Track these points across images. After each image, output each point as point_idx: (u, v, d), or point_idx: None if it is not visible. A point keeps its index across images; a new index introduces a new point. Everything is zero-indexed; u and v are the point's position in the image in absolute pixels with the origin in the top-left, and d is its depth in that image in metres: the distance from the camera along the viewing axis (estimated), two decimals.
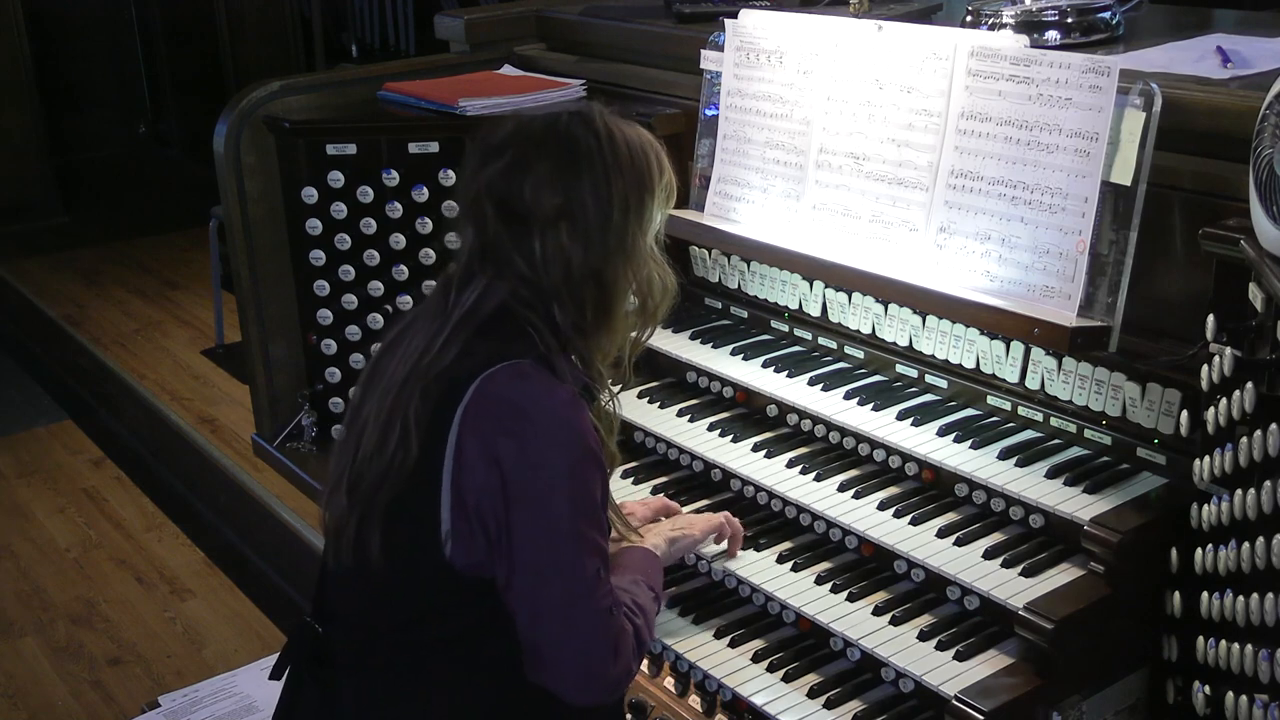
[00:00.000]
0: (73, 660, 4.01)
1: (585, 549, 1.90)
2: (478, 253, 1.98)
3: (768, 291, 2.89)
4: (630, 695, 2.38)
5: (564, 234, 1.92)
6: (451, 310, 1.95)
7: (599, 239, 1.94)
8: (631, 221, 1.97)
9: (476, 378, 1.87)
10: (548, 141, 1.96)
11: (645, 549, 2.24)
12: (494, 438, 1.85)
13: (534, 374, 1.89)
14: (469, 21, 3.76)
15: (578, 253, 1.93)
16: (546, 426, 1.87)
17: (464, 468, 1.86)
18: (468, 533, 1.88)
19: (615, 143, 1.97)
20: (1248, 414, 1.84)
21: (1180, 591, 2.07)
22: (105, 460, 5.38)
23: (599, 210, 1.94)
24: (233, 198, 3.42)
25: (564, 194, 1.92)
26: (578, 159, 1.94)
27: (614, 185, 1.95)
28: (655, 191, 2.01)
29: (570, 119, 1.99)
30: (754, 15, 2.84)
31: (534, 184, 1.93)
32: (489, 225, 1.96)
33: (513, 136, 1.99)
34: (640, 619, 2.03)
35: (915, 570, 2.26)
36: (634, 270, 2.01)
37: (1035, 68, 2.30)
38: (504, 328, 1.92)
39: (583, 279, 1.94)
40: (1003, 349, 2.42)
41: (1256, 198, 1.81)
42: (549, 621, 1.89)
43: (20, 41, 8.13)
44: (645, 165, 2.00)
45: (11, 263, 7.60)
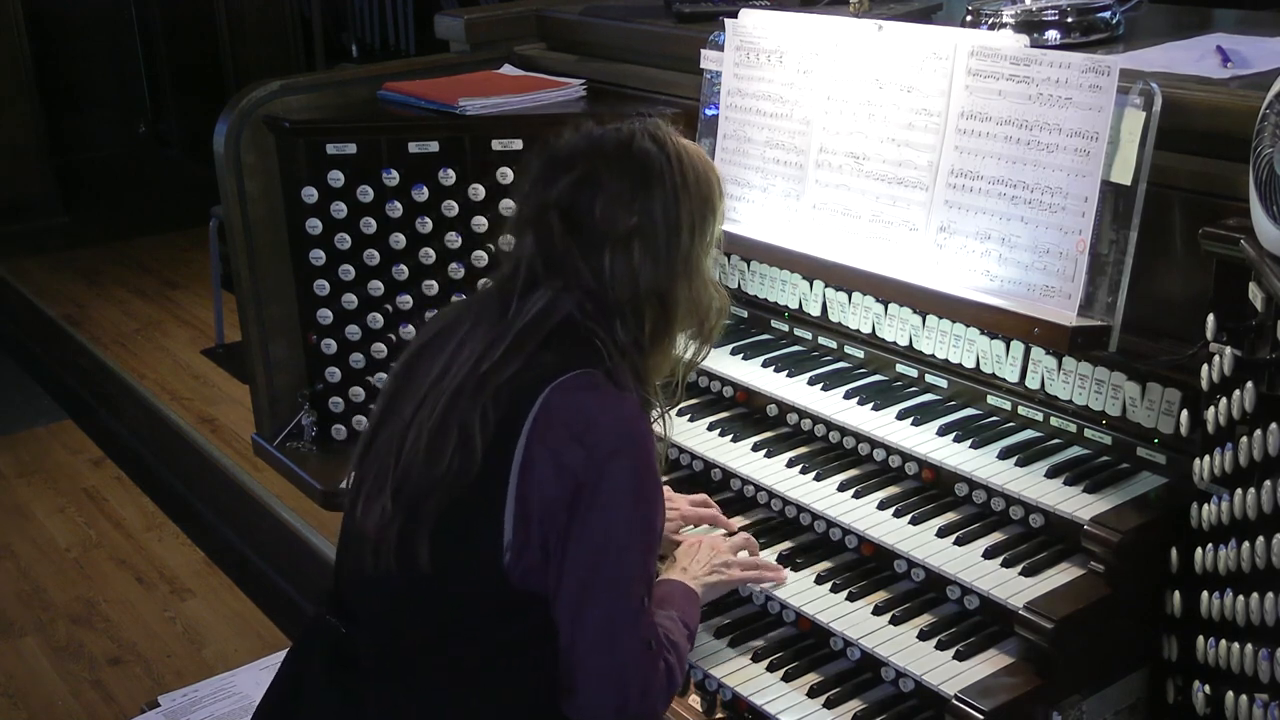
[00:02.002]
0: (73, 660, 4.01)
1: (637, 571, 1.89)
2: (540, 264, 1.96)
3: (768, 291, 2.89)
4: None
5: (636, 252, 1.93)
6: (513, 319, 1.93)
7: (666, 258, 1.95)
8: (696, 241, 1.99)
9: (546, 387, 1.86)
10: (620, 158, 1.96)
11: (689, 588, 2.19)
12: (563, 446, 1.84)
13: (603, 384, 1.89)
14: (469, 21, 3.76)
15: (646, 271, 1.94)
16: (617, 439, 1.87)
17: (531, 477, 1.85)
18: (528, 543, 1.87)
19: (684, 163, 1.99)
20: (1248, 414, 1.84)
21: (1180, 591, 2.07)
22: (105, 460, 5.39)
23: (668, 229, 1.95)
24: (233, 198, 3.42)
25: (638, 212, 1.94)
26: (650, 178, 1.95)
27: (682, 205, 1.97)
28: (718, 211, 2.04)
29: (641, 136, 1.99)
30: (754, 15, 2.84)
31: (606, 200, 1.93)
32: (556, 238, 1.94)
33: (583, 150, 1.99)
34: (673, 656, 2.00)
35: (915, 570, 2.26)
36: (695, 290, 2.02)
37: (1035, 67, 2.30)
38: (569, 339, 1.91)
39: (647, 296, 1.95)
40: (1003, 349, 2.42)
41: (1256, 197, 1.81)
42: (588, 642, 1.87)
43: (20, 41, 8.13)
44: (709, 185, 2.02)
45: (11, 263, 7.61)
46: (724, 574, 2.27)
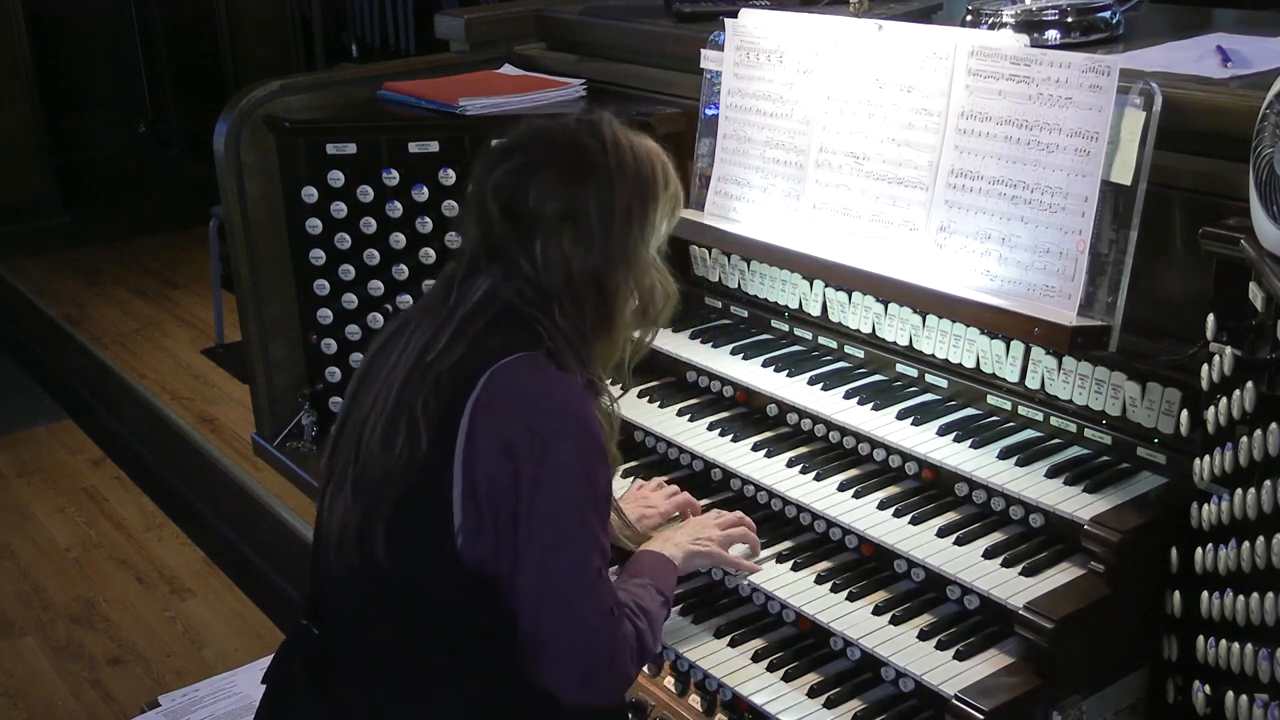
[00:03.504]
0: (73, 660, 4.01)
1: (589, 544, 1.91)
2: (481, 252, 1.99)
3: (768, 291, 2.89)
4: (630, 695, 2.38)
5: (565, 238, 1.94)
6: (455, 307, 1.96)
7: (600, 245, 1.96)
8: (634, 229, 1.99)
9: (488, 369, 1.89)
10: (556, 147, 1.99)
11: (661, 554, 2.24)
12: (506, 427, 1.87)
13: (545, 366, 1.92)
14: (469, 21, 3.75)
15: (578, 257, 1.95)
16: (559, 417, 1.89)
17: (476, 458, 1.87)
18: (479, 524, 1.89)
19: (622, 151, 1.99)
20: (1248, 413, 1.84)
21: (1180, 591, 2.07)
22: (105, 460, 5.39)
23: (601, 216, 1.96)
24: (233, 197, 3.42)
25: (567, 199, 1.95)
26: (584, 165, 1.97)
27: (618, 193, 1.97)
28: (659, 201, 2.03)
29: (580, 126, 2.02)
30: (754, 15, 2.84)
31: (539, 187, 1.95)
32: (494, 225, 1.97)
33: (523, 140, 2.02)
34: (643, 622, 2.03)
35: (915, 570, 2.26)
36: (636, 277, 2.03)
37: (1035, 67, 2.30)
38: (511, 324, 1.94)
39: (583, 283, 1.96)
40: (1003, 348, 2.42)
41: (1256, 197, 1.81)
42: (550, 616, 1.90)
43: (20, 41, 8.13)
44: (650, 175, 2.02)
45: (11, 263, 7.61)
46: (706, 546, 2.31)
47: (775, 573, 2.36)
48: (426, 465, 1.89)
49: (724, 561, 2.34)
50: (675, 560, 2.24)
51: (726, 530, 2.36)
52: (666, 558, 2.24)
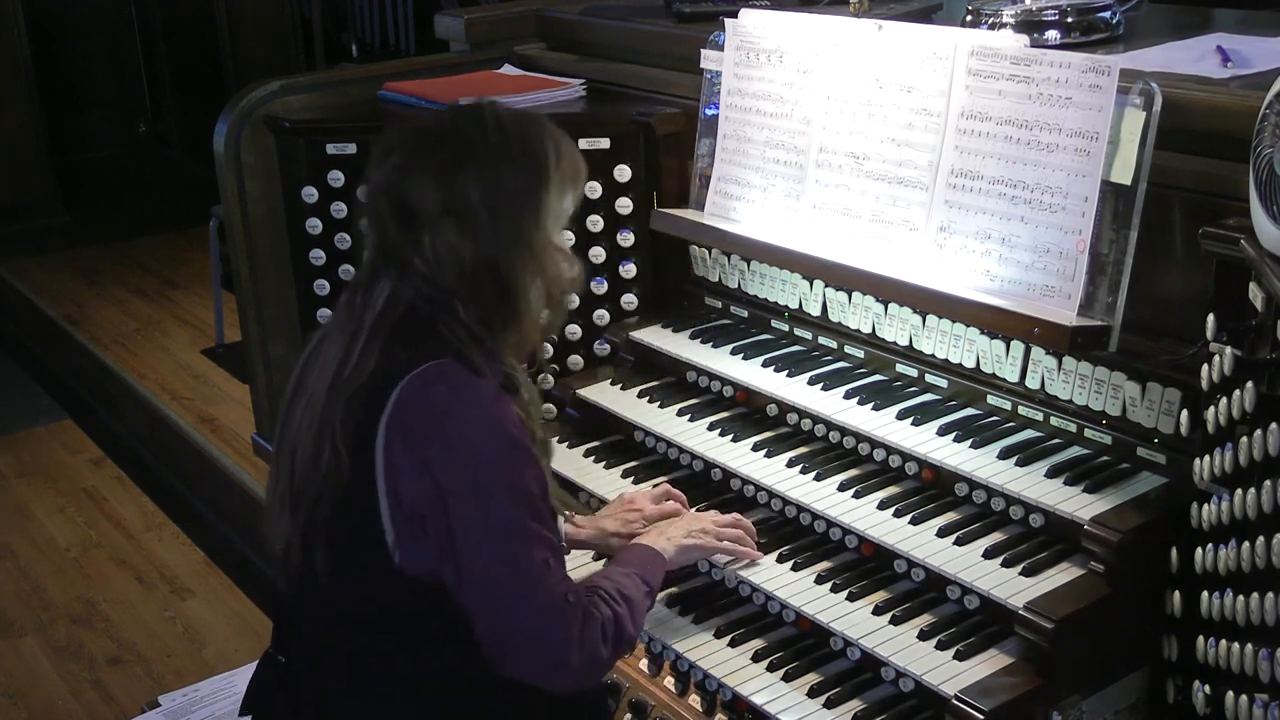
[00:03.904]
0: (73, 660, 4.01)
1: (529, 541, 1.88)
2: (379, 254, 1.95)
3: (768, 291, 2.89)
4: (630, 695, 2.38)
5: (451, 231, 1.89)
6: (362, 315, 1.92)
7: (490, 234, 1.90)
8: (525, 214, 1.93)
9: (397, 384, 1.85)
10: (435, 138, 1.94)
11: (650, 548, 2.24)
12: (421, 443, 1.84)
13: (454, 374, 1.87)
14: (469, 21, 3.76)
15: (468, 249, 1.89)
16: (472, 426, 1.86)
17: (397, 476, 1.85)
18: (413, 539, 1.87)
19: (505, 134, 1.93)
20: (1248, 413, 1.84)
21: (1180, 591, 2.07)
22: (105, 460, 5.39)
23: (487, 204, 1.90)
24: (233, 197, 3.42)
25: (449, 190, 1.89)
26: (464, 153, 1.91)
27: (503, 178, 1.91)
28: (550, 181, 1.96)
29: (458, 114, 1.97)
30: (754, 15, 2.84)
31: (420, 180, 1.90)
32: (386, 226, 1.93)
33: (404, 135, 1.97)
34: (622, 607, 2.02)
35: (915, 570, 2.26)
36: (535, 262, 1.96)
37: (1035, 67, 2.30)
38: (416, 328, 1.90)
39: (479, 276, 1.91)
40: (1003, 348, 2.42)
41: (1256, 197, 1.81)
42: (504, 617, 1.89)
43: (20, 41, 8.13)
44: (539, 155, 1.95)
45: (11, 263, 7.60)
46: (700, 539, 2.31)
47: (775, 573, 2.36)
48: (351, 486, 1.86)
49: (718, 549, 2.34)
50: (666, 553, 2.24)
51: (722, 528, 2.36)
52: (656, 550, 2.23)
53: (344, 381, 1.88)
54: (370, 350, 1.89)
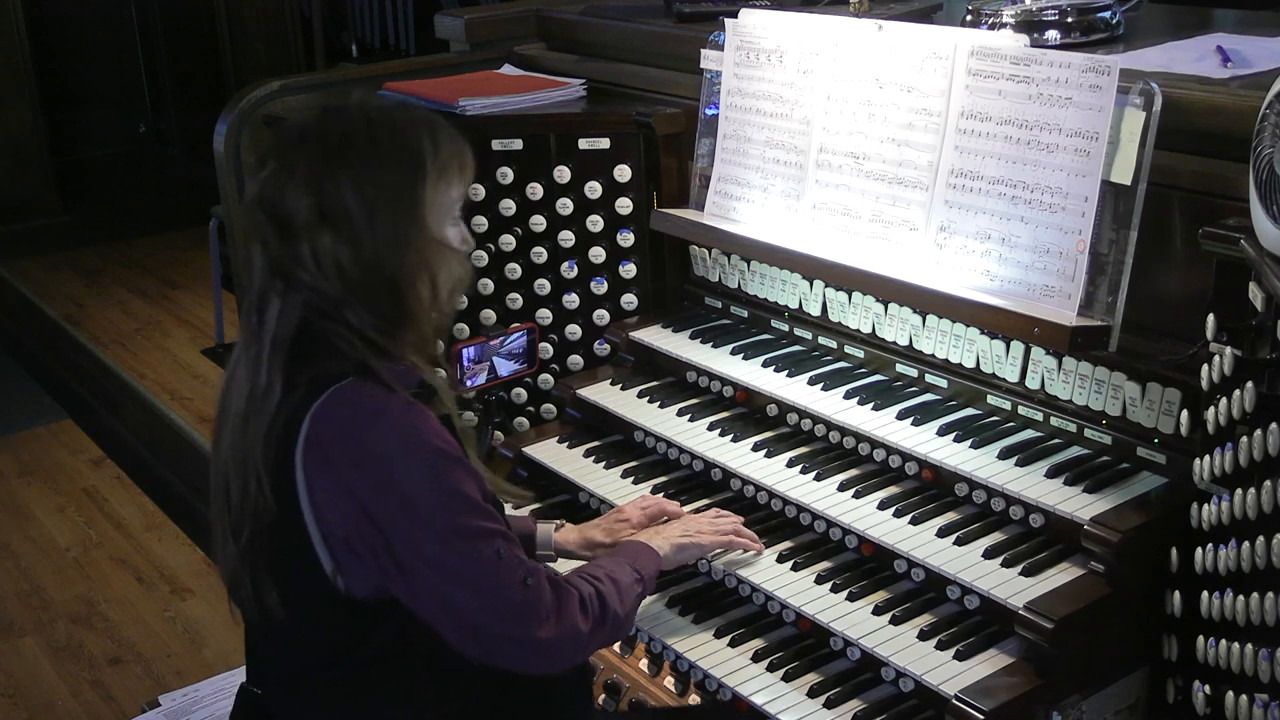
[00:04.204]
0: (73, 660, 4.01)
1: (475, 541, 1.85)
2: (267, 270, 1.88)
3: (768, 291, 2.89)
4: (630, 695, 2.38)
5: (328, 237, 1.83)
6: (260, 337, 1.87)
7: (369, 235, 1.83)
8: (404, 212, 1.86)
9: (307, 414, 1.81)
10: (304, 142, 1.87)
11: (643, 543, 2.24)
12: (340, 471, 1.81)
13: (359, 394, 1.82)
14: (469, 21, 3.76)
15: (347, 254, 1.83)
16: (388, 445, 1.81)
17: (322, 505, 1.82)
18: (351, 564, 1.85)
19: (375, 131, 1.87)
20: (1248, 413, 1.84)
21: (1180, 591, 2.07)
22: (105, 460, 5.38)
23: (362, 205, 1.83)
24: (233, 197, 3.42)
25: (320, 195, 1.83)
26: (332, 156, 1.84)
27: (377, 178, 1.84)
28: (427, 173, 1.88)
29: (326, 114, 1.90)
30: (754, 15, 2.84)
31: (292, 189, 1.84)
32: (268, 240, 1.87)
33: (276, 143, 1.92)
34: (607, 585, 2.02)
35: (915, 570, 2.26)
36: (420, 260, 1.88)
37: (1035, 67, 2.30)
38: (314, 346, 1.84)
39: (364, 280, 1.84)
40: (1003, 348, 2.42)
41: (1256, 197, 1.81)
42: (468, 621, 1.87)
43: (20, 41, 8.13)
44: (413, 150, 1.88)
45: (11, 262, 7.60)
46: (695, 538, 2.30)
47: (775, 573, 2.36)
48: (279, 519, 1.84)
49: (716, 545, 2.34)
50: (660, 550, 2.23)
51: (717, 529, 2.36)
52: (650, 546, 2.23)
53: (257, 409, 1.84)
54: (275, 375, 1.83)
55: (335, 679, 1.94)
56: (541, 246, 3.19)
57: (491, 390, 2.96)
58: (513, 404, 3.26)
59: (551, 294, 3.22)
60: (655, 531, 2.31)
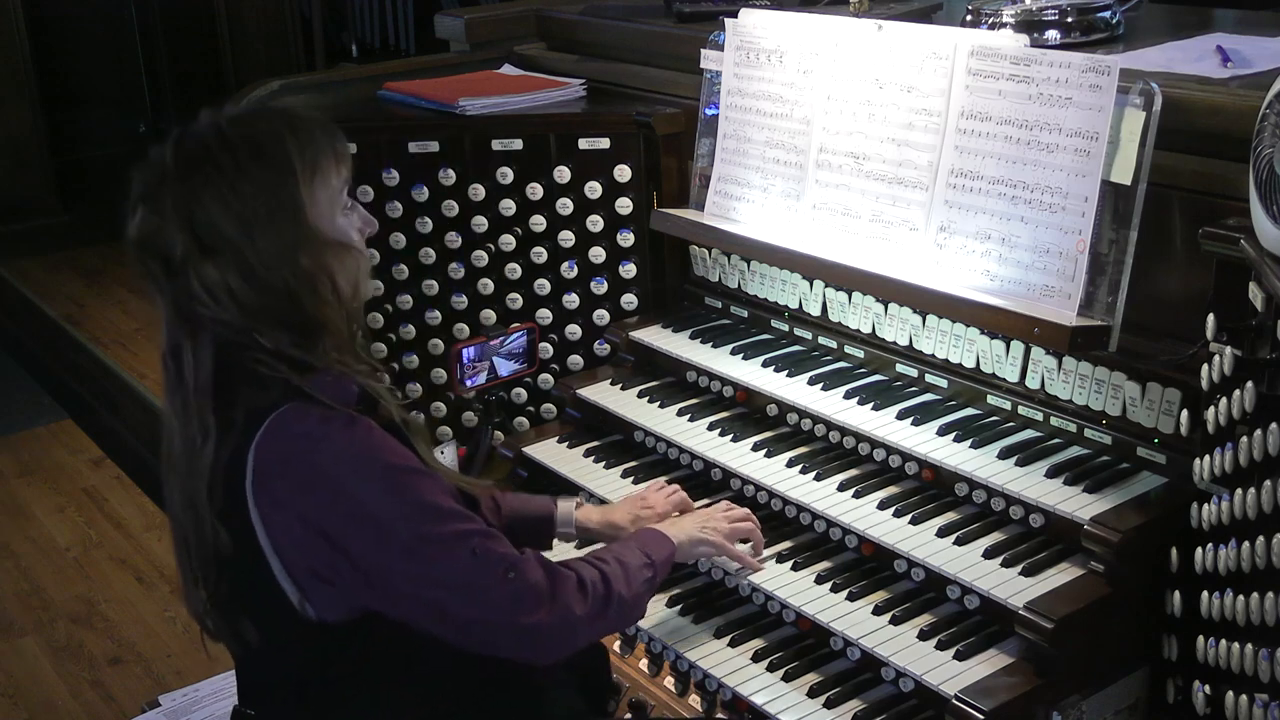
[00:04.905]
0: (73, 660, 4.01)
1: (445, 546, 1.83)
2: (169, 314, 1.83)
3: (768, 291, 2.89)
4: (631, 695, 2.38)
5: (210, 266, 1.76)
6: (183, 384, 1.82)
7: (251, 254, 1.77)
8: (282, 218, 1.79)
9: (249, 449, 1.77)
10: (163, 175, 1.80)
11: (658, 530, 2.22)
12: (293, 499, 1.78)
13: (299, 419, 1.78)
14: (469, 21, 3.76)
15: (235, 279, 1.76)
16: (338, 467, 1.78)
17: (279, 538, 1.80)
18: (320, 592, 1.83)
19: (231, 143, 1.79)
20: (1248, 413, 1.84)
21: (1180, 591, 2.07)
22: (105, 460, 5.38)
23: (237, 226, 1.76)
24: None
25: (192, 225, 1.76)
26: (193, 180, 1.77)
27: (245, 190, 1.77)
28: (297, 176, 1.80)
29: (178, 141, 1.82)
30: (754, 15, 2.84)
31: (165, 225, 1.77)
32: (159, 281, 1.81)
33: (139, 181, 1.83)
34: (612, 567, 2.01)
35: (915, 570, 2.26)
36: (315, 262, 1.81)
37: (1035, 67, 2.30)
38: (237, 380, 1.80)
39: (260, 300, 1.78)
40: (1003, 348, 2.42)
41: (1256, 197, 1.81)
42: (456, 620, 1.86)
43: (20, 41, 8.13)
44: (276, 151, 1.80)
45: (11, 262, 7.60)
46: (712, 535, 2.29)
47: (775, 573, 2.36)
48: (238, 559, 1.82)
49: (727, 552, 2.33)
50: (675, 540, 2.21)
51: (734, 524, 2.35)
52: (666, 535, 2.21)
53: (195, 457, 1.80)
54: (206, 420, 1.79)
55: (320, 697, 1.93)
56: (541, 246, 3.19)
57: (491, 390, 2.96)
58: (513, 404, 3.26)
59: (551, 294, 3.22)
60: (671, 522, 2.30)
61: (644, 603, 2.09)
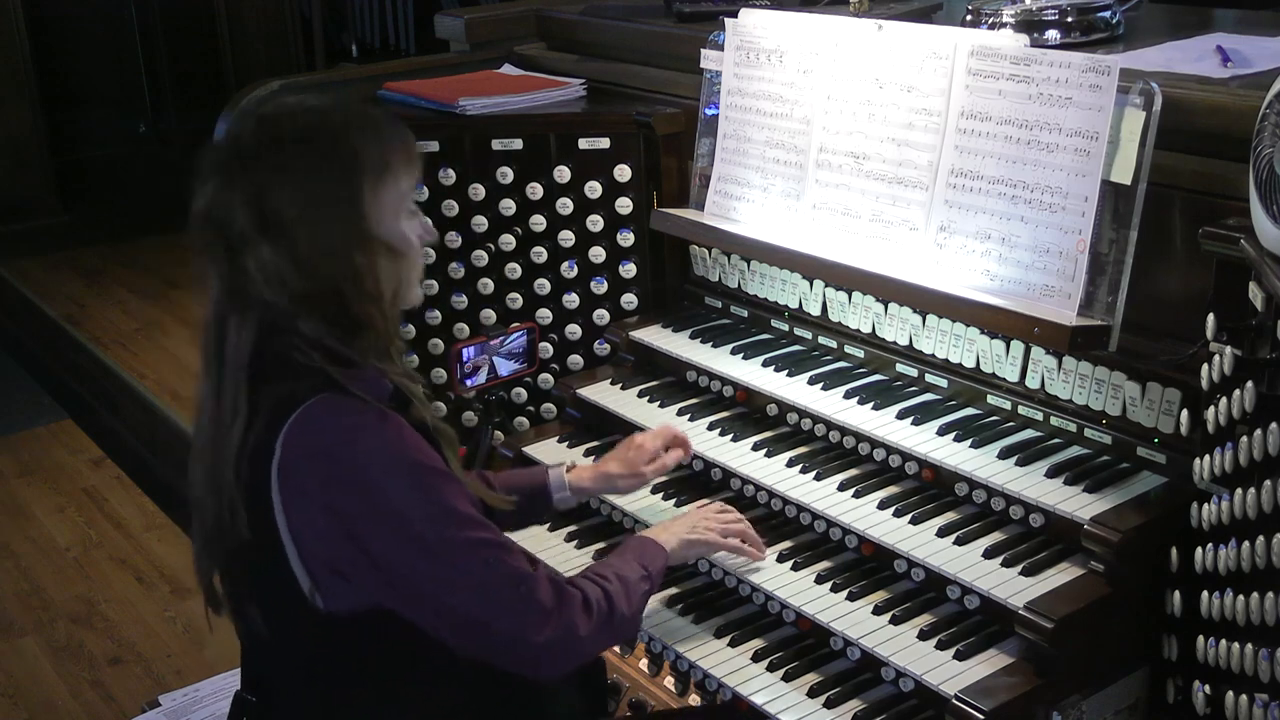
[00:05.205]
0: (73, 660, 4.01)
1: (464, 551, 1.85)
2: (220, 290, 1.85)
3: (768, 290, 2.89)
4: (630, 695, 2.38)
5: (268, 250, 1.78)
6: (223, 361, 1.83)
7: (308, 243, 1.79)
8: (343, 214, 1.81)
9: (278, 438, 1.78)
10: (237, 155, 1.83)
11: (650, 539, 2.23)
12: (319, 491, 1.79)
13: (331, 411, 1.79)
14: (469, 21, 3.76)
15: (287, 264, 1.79)
16: (368, 462, 1.79)
17: (299, 528, 1.81)
18: (335, 585, 1.84)
19: (309, 134, 1.83)
20: (1248, 413, 1.84)
21: (1180, 591, 2.07)
22: (105, 460, 5.38)
23: (301, 213, 1.79)
24: None
25: (258, 205, 1.78)
26: (268, 164, 1.80)
27: (314, 181, 1.80)
28: (363, 172, 1.82)
29: (260, 122, 1.86)
30: (754, 14, 2.84)
31: (232, 201, 1.80)
32: (217, 258, 1.83)
33: (210, 155, 1.86)
34: (614, 585, 2.02)
35: (915, 569, 2.26)
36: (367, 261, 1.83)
37: (1035, 67, 2.30)
38: (274, 366, 1.81)
39: (308, 289, 1.80)
40: (1003, 348, 2.42)
41: (1256, 197, 1.81)
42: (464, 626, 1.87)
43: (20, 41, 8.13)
44: (350, 149, 1.83)
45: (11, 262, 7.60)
46: (703, 535, 2.30)
47: (775, 572, 2.36)
48: (256, 544, 1.82)
49: (723, 548, 2.33)
50: (667, 546, 2.22)
51: (726, 525, 2.35)
52: (657, 542, 2.22)
53: (224, 437, 1.81)
54: (239, 401, 1.81)
55: (323, 688, 1.94)
56: (541, 246, 3.19)
57: (491, 390, 2.96)
58: (513, 404, 3.26)
59: (551, 294, 3.22)
60: (663, 527, 2.31)
61: (641, 616, 2.12)
